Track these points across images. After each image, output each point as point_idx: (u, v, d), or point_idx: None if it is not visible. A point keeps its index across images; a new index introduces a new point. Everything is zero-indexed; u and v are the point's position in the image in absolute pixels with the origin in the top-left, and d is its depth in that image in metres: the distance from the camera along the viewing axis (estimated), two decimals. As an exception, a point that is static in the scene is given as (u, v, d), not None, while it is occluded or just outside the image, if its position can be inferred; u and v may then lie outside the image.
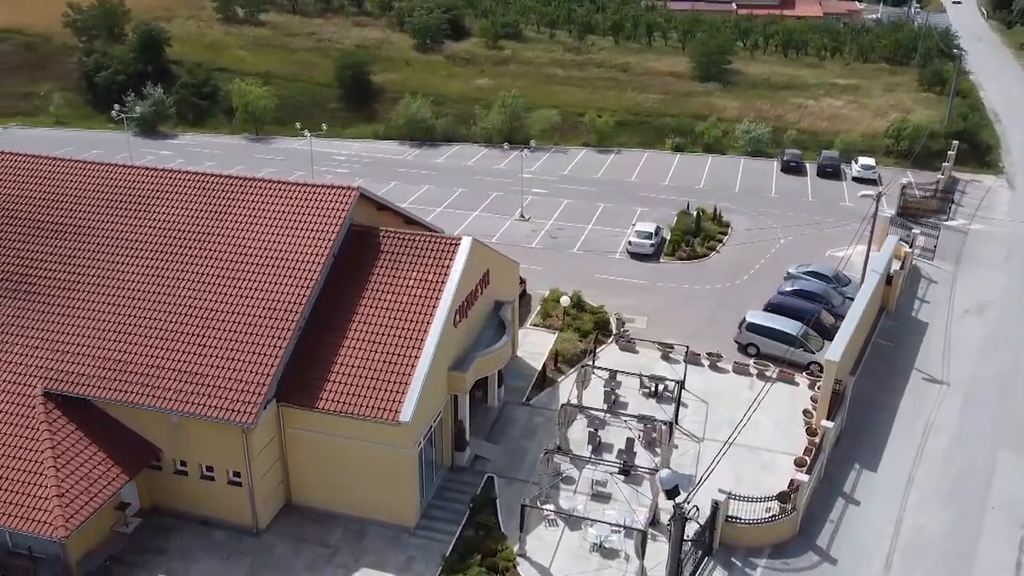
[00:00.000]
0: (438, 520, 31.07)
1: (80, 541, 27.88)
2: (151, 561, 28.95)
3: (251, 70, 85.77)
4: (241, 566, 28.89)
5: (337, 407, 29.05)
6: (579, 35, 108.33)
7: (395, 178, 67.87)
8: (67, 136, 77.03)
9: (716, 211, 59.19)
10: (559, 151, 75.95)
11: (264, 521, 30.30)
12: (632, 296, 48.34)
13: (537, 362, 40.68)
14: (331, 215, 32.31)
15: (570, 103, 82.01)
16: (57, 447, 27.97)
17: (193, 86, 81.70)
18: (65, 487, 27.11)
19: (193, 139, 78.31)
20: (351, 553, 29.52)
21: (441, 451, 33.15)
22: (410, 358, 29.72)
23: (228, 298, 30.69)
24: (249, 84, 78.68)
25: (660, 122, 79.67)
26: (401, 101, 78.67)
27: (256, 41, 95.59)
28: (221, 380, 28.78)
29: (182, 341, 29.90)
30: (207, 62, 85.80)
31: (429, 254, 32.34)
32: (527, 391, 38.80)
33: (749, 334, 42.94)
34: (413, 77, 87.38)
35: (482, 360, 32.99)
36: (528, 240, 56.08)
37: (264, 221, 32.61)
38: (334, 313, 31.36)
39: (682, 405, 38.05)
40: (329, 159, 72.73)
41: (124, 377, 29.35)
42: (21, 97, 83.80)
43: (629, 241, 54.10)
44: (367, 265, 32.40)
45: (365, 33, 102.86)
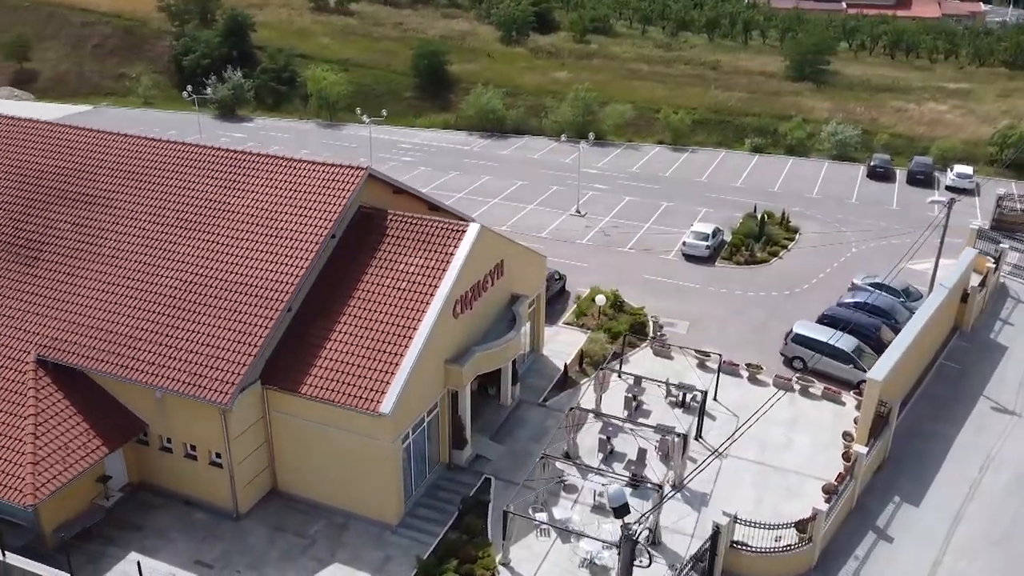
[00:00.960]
0: (425, 520, 29.52)
1: (56, 510, 27.59)
2: (127, 537, 28.46)
3: (331, 57, 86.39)
4: (214, 550, 28.07)
5: (320, 393, 27.87)
6: (672, 32, 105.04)
7: (457, 168, 66.79)
8: (150, 116, 79.33)
9: (784, 215, 55.55)
10: (630, 148, 73.30)
11: (245, 506, 29.43)
12: (678, 299, 45.65)
13: (563, 362, 38.64)
14: (335, 195, 31.17)
15: (648, 99, 79.10)
16: (40, 415, 27.77)
17: (273, 71, 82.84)
18: (41, 455, 26.84)
19: (267, 123, 79.37)
20: (327, 547, 28.30)
21: (437, 447, 31.57)
22: (399, 347, 28.26)
23: (223, 275, 29.96)
24: (324, 70, 79.13)
25: (741, 121, 75.90)
26: (472, 91, 77.54)
27: (343, 30, 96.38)
28: (203, 358, 28.02)
29: (173, 316, 29.33)
30: (290, 48, 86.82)
31: (434, 239, 30.82)
32: (546, 392, 36.83)
33: (795, 346, 39.68)
34: (491, 68, 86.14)
35: (483, 355, 31.22)
36: (579, 236, 53.93)
37: (269, 198, 31.78)
38: (331, 296, 30.22)
39: (709, 417, 35.33)
40: (395, 147, 72.30)
41: (112, 348, 28.97)
42: (116, 78, 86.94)
43: (684, 242, 51.23)
44: (371, 248, 31.13)
45: (452, 25, 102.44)
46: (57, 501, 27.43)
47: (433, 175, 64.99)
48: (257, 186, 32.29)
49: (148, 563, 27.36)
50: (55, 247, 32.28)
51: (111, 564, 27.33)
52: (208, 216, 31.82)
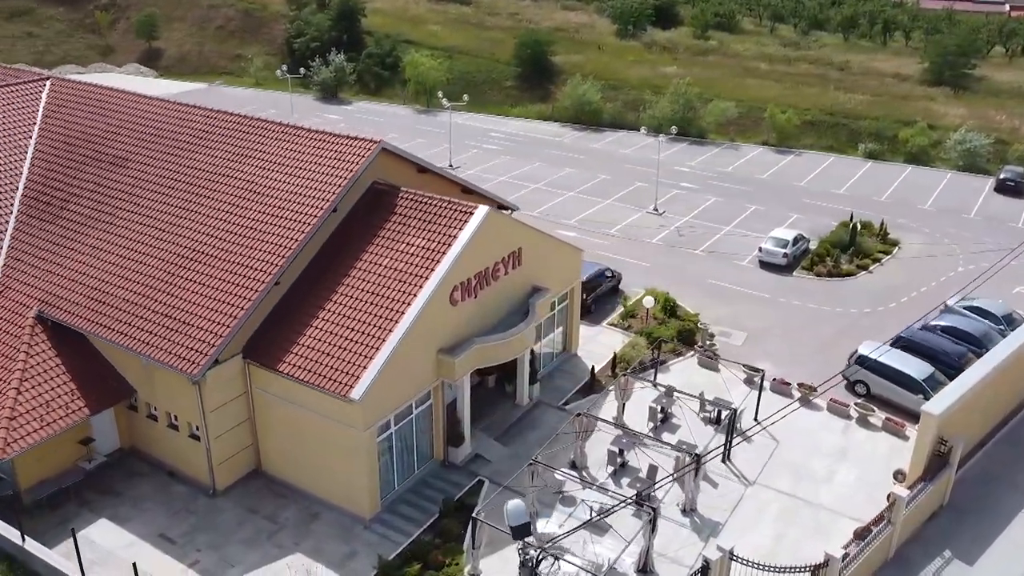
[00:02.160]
0: (402, 517, 27.64)
1: (34, 467, 27.44)
2: (103, 502, 28.00)
3: (438, 44, 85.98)
4: (182, 525, 27.18)
5: (297, 372, 26.46)
6: (804, 30, 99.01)
7: (541, 159, 64.63)
8: (258, 95, 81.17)
9: (882, 226, 50.31)
10: (730, 148, 68.93)
11: (223, 483, 28.43)
12: (741, 308, 41.86)
13: (598, 364, 35.90)
14: (341, 168, 29.73)
15: (756, 97, 74.18)
16: (28, 370, 27.68)
17: (378, 56, 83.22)
18: (20, 410, 26.69)
19: (364, 106, 79.70)
20: (295, 535, 26.87)
21: (430, 443, 29.63)
22: (383, 331, 26.47)
23: (220, 244, 29.08)
24: (424, 56, 78.67)
25: (856, 125, 69.99)
26: (569, 82, 75.10)
27: (457, 19, 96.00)
28: (184, 326, 27.17)
29: (165, 282, 28.67)
30: (397, 34, 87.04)
31: (439, 221, 28.86)
32: (569, 395, 34.23)
33: (859, 368, 35.32)
34: (597, 61, 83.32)
35: (483, 348, 28.99)
36: (650, 234, 50.67)
37: (278, 168, 30.69)
38: (327, 272, 28.81)
39: (744, 440, 31.81)
40: (485, 135, 70.87)
41: (102, 310, 28.62)
42: (232, 59, 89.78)
43: (760, 248, 47.12)
44: (376, 226, 29.52)
45: (569, 17, 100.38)
46: (35, 459, 27.29)
47: (513, 164, 63.10)
48: (269, 155, 31.30)
49: (114, 532, 26.80)
50: (75, 207, 32.42)
51: (79, 527, 26.80)
52: (218, 184, 31.08)
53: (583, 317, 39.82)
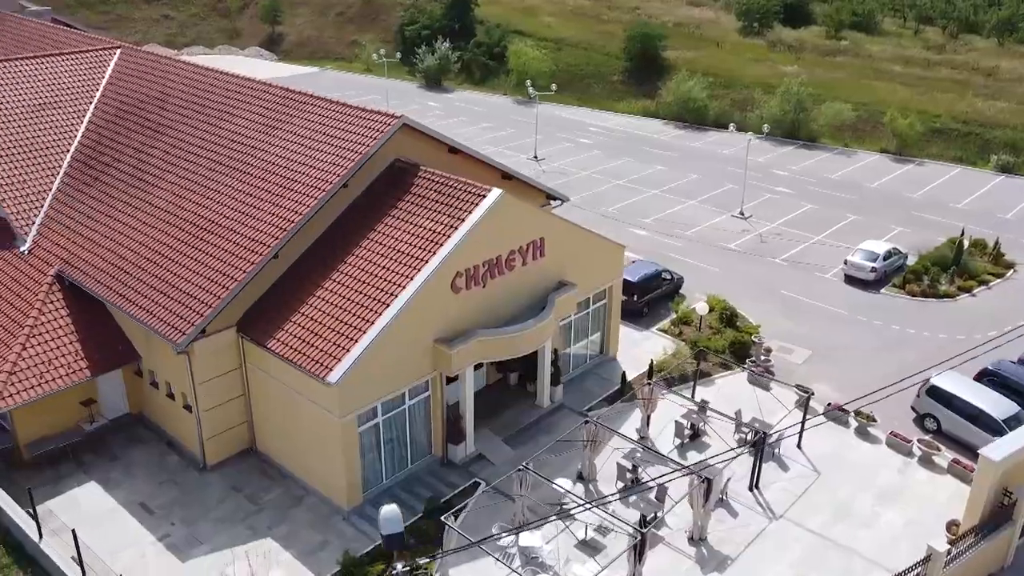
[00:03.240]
0: (385, 513, 26.14)
1: (33, 424, 27.63)
2: (98, 465, 27.91)
3: (548, 36, 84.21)
4: (165, 496, 26.68)
5: (282, 349, 25.41)
6: (952, 33, 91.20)
7: (632, 155, 61.80)
8: (363, 80, 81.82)
9: (996, 245, 44.82)
10: (842, 153, 63.78)
11: (213, 458, 27.78)
12: (813, 324, 38.06)
13: (636, 371, 33.29)
14: (357, 143, 28.47)
15: (880, 101, 68.37)
16: (37, 327, 27.92)
17: (486, 46, 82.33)
18: (22, 366, 26.89)
19: (465, 95, 78.93)
20: (272, 518, 25.86)
21: (428, 437, 27.99)
22: (373, 314, 25.03)
23: (232, 215, 28.43)
24: (529, 46, 77.08)
25: (991, 135, 63.28)
26: (674, 78, 71.68)
27: (573, 11, 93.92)
28: (182, 295, 26.61)
29: (175, 250, 28.28)
30: (508, 24, 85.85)
31: (452, 203, 27.16)
32: (595, 401, 31.80)
33: (930, 401, 31.15)
34: (713, 58, 79.30)
35: (485, 341, 27.05)
36: (729, 239, 47.14)
37: (301, 141, 29.76)
38: (331, 249, 27.67)
39: (780, 467, 28.58)
40: (581, 128, 68.60)
41: (115, 273, 28.53)
42: (348, 45, 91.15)
43: (846, 260, 42.82)
44: (389, 205, 28.14)
45: (693, 12, 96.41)
46: (36, 415, 27.49)
47: (601, 159, 60.60)
48: (296, 127, 30.45)
49: (100, 496, 26.61)
50: (113, 172, 32.71)
51: (68, 487, 26.88)
52: (242, 154, 30.53)
53: (634, 320, 37.29)
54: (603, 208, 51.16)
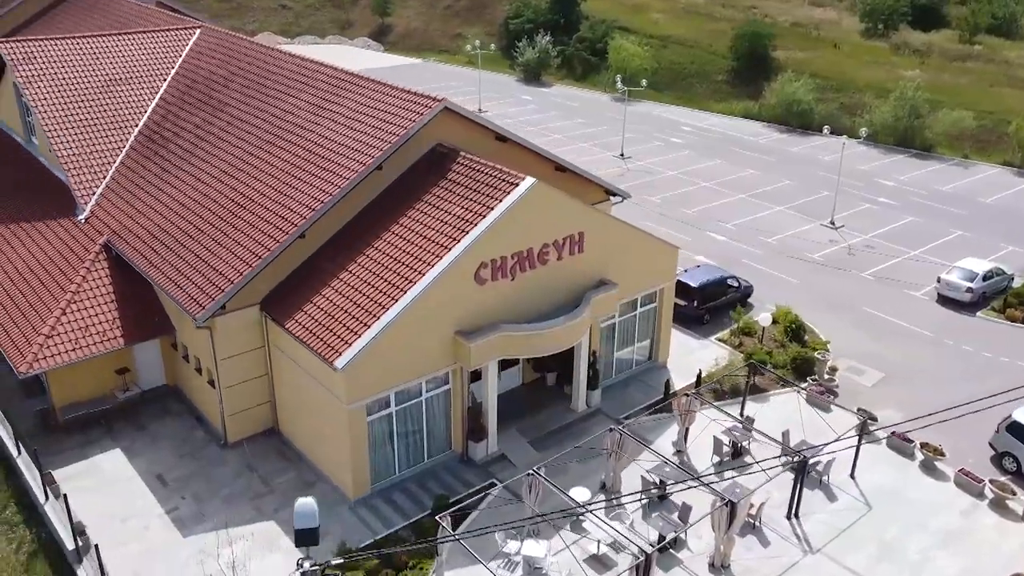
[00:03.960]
0: (392, 506, 25.30)
1: (69, 388, 28.18)
2: (125, 434, 28.21)
3: (653, 32, 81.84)
4: (182, 469, 26.67)
5: (298, 330, 24.93)
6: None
7: (725, 157, 59.04)
8: (462, 72, 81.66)
9: (1119, 271, 40.18)
10: (958, 164, 58.98)
11: (234, 435, 27.63)
12: (892, 344, 34.97)
13: (684, 381, 31.37)
14: (395, 125, 27.74)
15: (1009, 110, 62.92)
16: (78, 293, 28.49)
17: (589, 41, 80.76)
18: (60, 330, 27.47)
19: (563, 90, 77.58)
20: (278, 502, 25.41)
21: (447, 433, 26.99)
22: (389, 300, 24.21)
23: (269, 193, 28.24)
24: (631, 42, 75.01)
25: None
26: (779, 79, 68.14)
27: (684, 8, 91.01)
28: (209, 270, 26.55)
29: (214, 226, 28.27)
30: (613, 20, 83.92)
31: (484, 190, 26.04)
32: (635, 409, 30.04)
33: (1010, 438, 27.85)
34: (827, 59, 75.14)
35: (509, 336, 25.75)
36: (814, 249, 44.09)
37: (345, 121, 29.31)
38: (361, 232, 27.05)
39: (827, 497, 26.15)
40: (675, 127, 66.22)
41: (156, 246, 28.80)
42: (452, 37, 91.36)
43: (940, 278, 39.19)
44: (423, 190, 27.28)
45: (814, 13, 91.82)
46: (71, 380, 28.05)
47: (692, 159, 58.13)
48: (341, 107, 30.04)
49: (120, 464, 26.84)
50: (173, 147, 33.20)
51: (93, 453, 27.26)
52: (289, 133, 30.36)
53: (693, 327, 35.25)
54: (683, 209, 48.91)
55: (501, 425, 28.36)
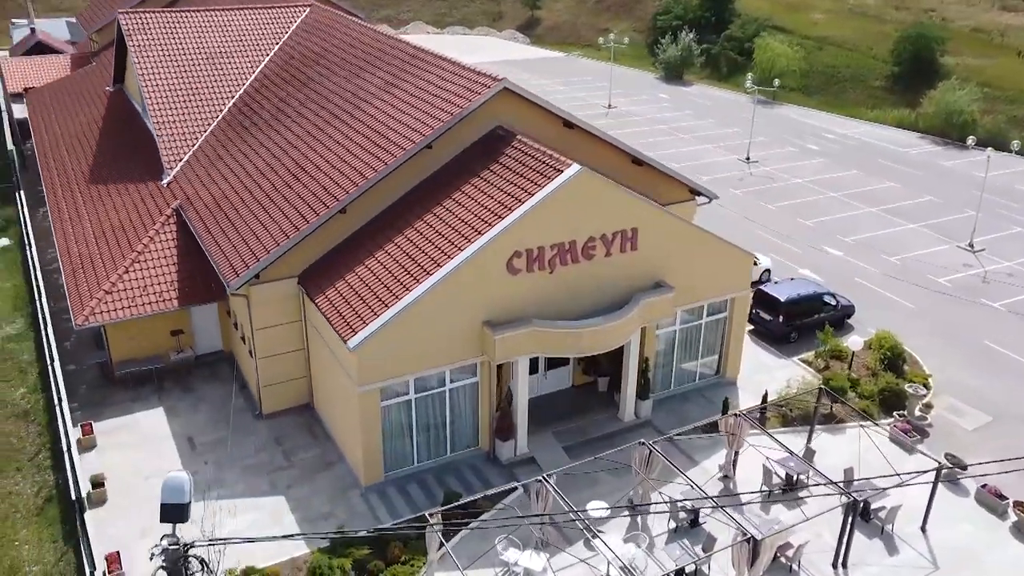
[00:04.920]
0: (405, 497, 24.34)
1: (125, 344, 29.02)
2: (172, 394, 28.77)
3: (809, 33, 76.78)
4: (212, 435, 26.79)
5: (325, 306, 24.43)
6: None
7: (864, 167, 54.35)
8: (602, 67, 79.74)
9: None
10: None
11: (268, 407, 27.56)
12: (1010, 386, 30.61)
13: (753, 400, 28.66)
14: (450, 104, 26.71)
15: None
16: (143, 254, 29.34)
17: (737, 40, 76.85)
18: (120, 287, 28.37)
19: (702, 90, 74.25)
20: (295, 478, 25.02)
21: (474, 429, 25.73)
22: (414, 282, 23.24)
23: (323, 167, 27.94)
24: (779, 42, 70.60)
25: None
26: (940, 87, 61.96)
27: (852, 9, 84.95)
28: (252, 239, 26.54)
29: (269, 197, 28.30)
30: (767, 19, 79.43)
31: (530, 176, 24.57)
32: (691, 425, 27.65)
33: None
34: (1004, 68, 67.78)
35: (541, 333, 24.08)
36: (942, 273, 39.46)
37: (408, 99, 28.57)
38: (404, 210, 26.25)
39: (887, 549, 22.96)
40: (815, 133, 61.73)
41: (215, 212, 29.20)
42: (600, 32, 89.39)
43: (1085, 315, 34.03)
44: (473, 172, 26.13)
45: (1003, 17, 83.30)
46: (127, 337, 28.91)
47: (824, 167, 53.83)
48: (409, 84, 29.32)
49: (159, 423, 27.33)
50: (256, 119, 33.71)
51: (137, 409, 27.94)
52: (356, 108, 30.00)
53: (777, 344, 32.32)
54: (800, 219, 45.20)
55: (539, 426, 26.87)
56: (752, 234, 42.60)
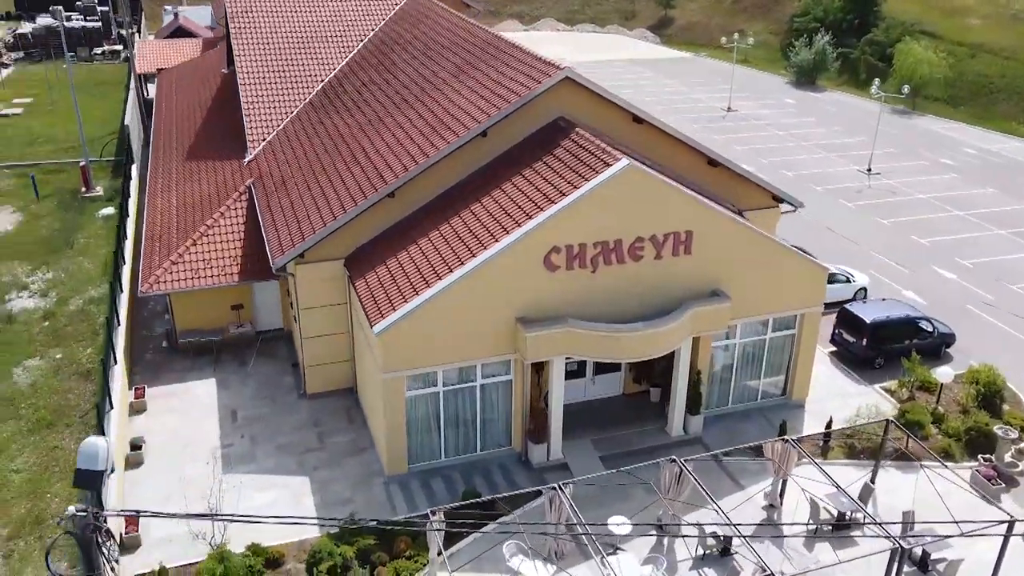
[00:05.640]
0: (427, 491, 23.73)
1: (188, 315, 29.79)
2: (227, 367, 29.26)
3: (963, 39, 70.95)
4: (255, 410, 27.02)
5: (363, 290, 24.17)
6: None
7: (1002, 186, 49.57)
8: (729, 69, 76.57)
9: None
10: None
11: (312, 388, 27.60)
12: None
13: (819, 426, 26.39)
14: (509, 92, 25.85)
15: None
16: (211, 229, 30.05)
17: (879, 45, 71.98)
18: (186, 258, 29.17)
19: (832, 96, 70.00)
20: (321, 460, 24.80)
21: (507, 429, 24.83)
22: (448, 271, 22.59)
23: (381, 151, 27.70)
24: (922, 47, 65.51)
25: None
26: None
27: (1015, 15, 77.90)
28: (304, 219, 26.61)
29: (328, 177, 28.35)
30: (916, 23, 73.99)
31: (579, 169, 23.43)
32: (744, 447, 25.69)
33: None
34: None
35: (576, 334, 22.82)
36: (1065, 306, 35.29)
37: (473, 86, 27.92)
38: (454, 198, 25.63)
39: (937, 604, 20.50)
40: (952, 147, 56.96)
41: (279, 190, 29.53)
42: (732, 33, 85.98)
43: None
44: (527, 163, 25.19)
45: None
46: (191, 308, 29.71)
47: (955, 183, 49.43)
48: (478, 72, 28.64)
49: (208, 393, 27.87)
50: (338, 103, 33.96)
51: (192, 378, 28.62)
52: (426, 94, 29.63)
53: (860, 370, 29.78)
54: (915, 236, 41.61)
55: (579, 432, 25.72)
56: (856, 248, 39.57)
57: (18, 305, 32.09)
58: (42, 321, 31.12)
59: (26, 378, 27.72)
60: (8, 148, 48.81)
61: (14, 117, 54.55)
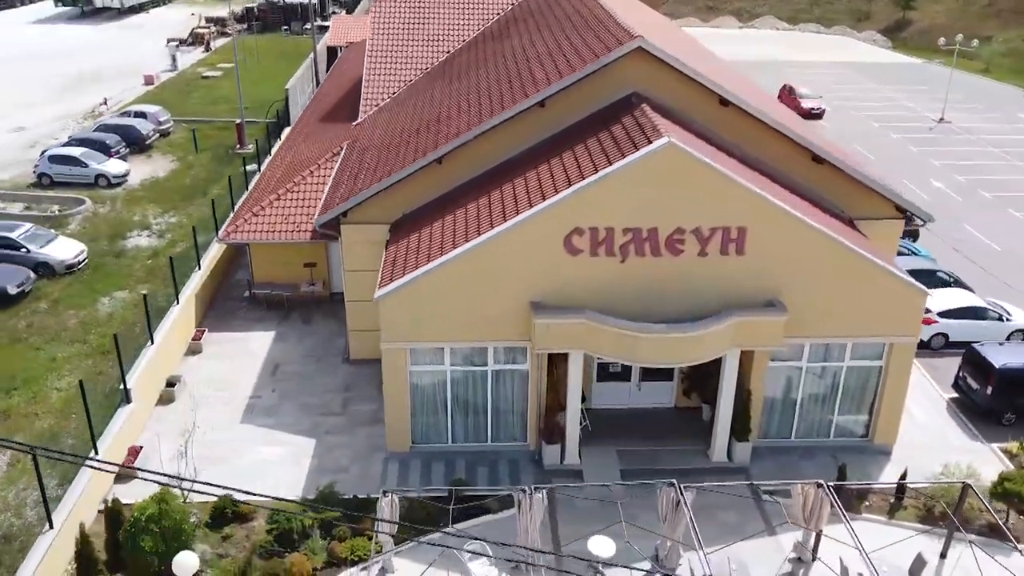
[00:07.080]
0: (425, 471, 22.42)
1: (265, 268, 30.44)
2: (290, 323, 29.44)
3: None
4: (296, 367, 26.91)
5: (388, 255, 23.19)
6: None
7: None
8: (958, 79, 67.75)
9: None
10: None
11: (355, 354, 27.03)
12: None
13: (896, 477, 22.07)
14: (572, 63, 23.76)
15: None
16: (297, 185, 30.50)
17: None
18: (267, 211, 29.82)
19: None
20: (340, 426, 24.17)
21: (522, 425, 22.87)
22: (457, 245, 21.07)
23: (442, 119, 26.50)
24: None
25: None
26: None
27: None
28: (359, 181, 25.99)
29: (396, 142, 27.52)
30: None
31: (620, 146, 20.99)
32: (789, 482, 21.94)
33: None
34: None
35: (594, 327, 20.30)
36: None
37: (553, 59, 25.98)
38: (502, 170, 23.98)
39: None
40: None
41: (360, 154, 29.12)
42: (980, 40, 76.01)
43: None
44: (584, 138, 22.99)
45: None
46: (268, 260, 30.40)
47: None
48: (566, 46, 26.61)
49: (263, 345, 28.24)
50: (445, 75, 33.17)
51: (255, 328, 29.14)
52: (520, 70, 27.87)
53: (982, 422, 24.79)
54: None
55: (608, 440, 23.43)
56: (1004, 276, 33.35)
57: (133, 243, 34.34)
58: (147, 259, 33.05)
59: (108, 308, 29.45)
60: (195, 106, 52.97)
61: (213, 79, 59.23)
